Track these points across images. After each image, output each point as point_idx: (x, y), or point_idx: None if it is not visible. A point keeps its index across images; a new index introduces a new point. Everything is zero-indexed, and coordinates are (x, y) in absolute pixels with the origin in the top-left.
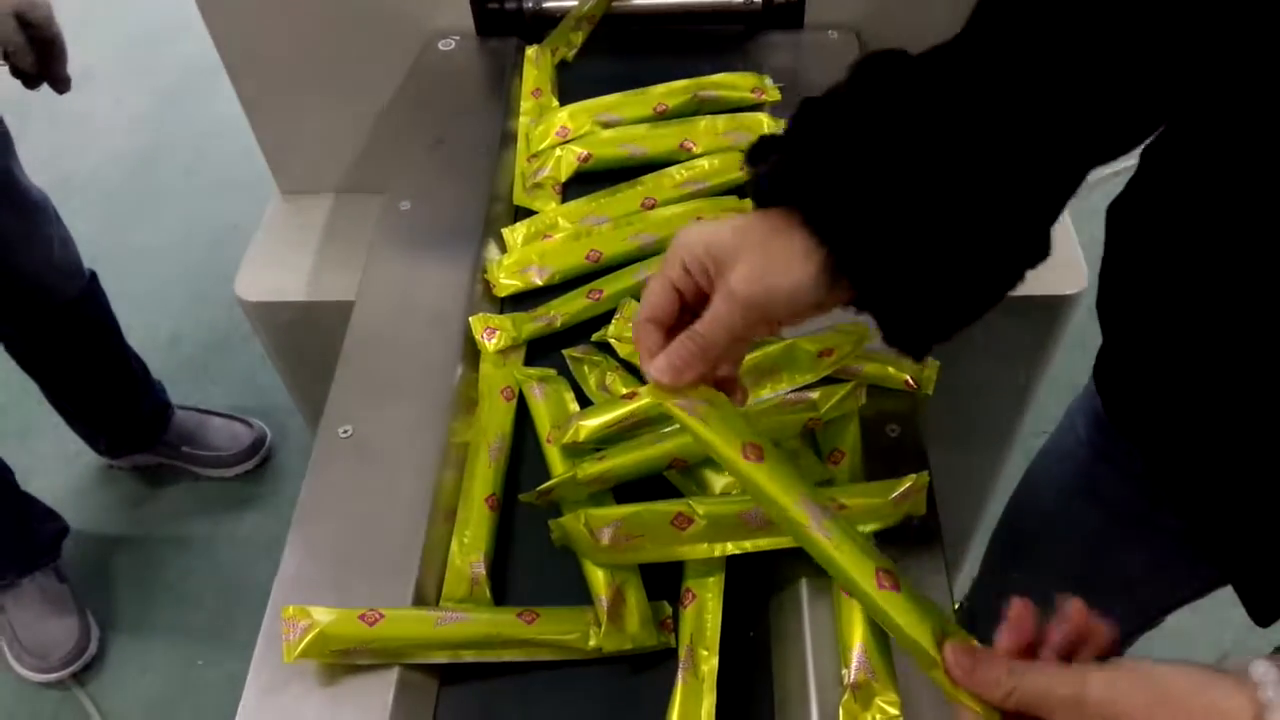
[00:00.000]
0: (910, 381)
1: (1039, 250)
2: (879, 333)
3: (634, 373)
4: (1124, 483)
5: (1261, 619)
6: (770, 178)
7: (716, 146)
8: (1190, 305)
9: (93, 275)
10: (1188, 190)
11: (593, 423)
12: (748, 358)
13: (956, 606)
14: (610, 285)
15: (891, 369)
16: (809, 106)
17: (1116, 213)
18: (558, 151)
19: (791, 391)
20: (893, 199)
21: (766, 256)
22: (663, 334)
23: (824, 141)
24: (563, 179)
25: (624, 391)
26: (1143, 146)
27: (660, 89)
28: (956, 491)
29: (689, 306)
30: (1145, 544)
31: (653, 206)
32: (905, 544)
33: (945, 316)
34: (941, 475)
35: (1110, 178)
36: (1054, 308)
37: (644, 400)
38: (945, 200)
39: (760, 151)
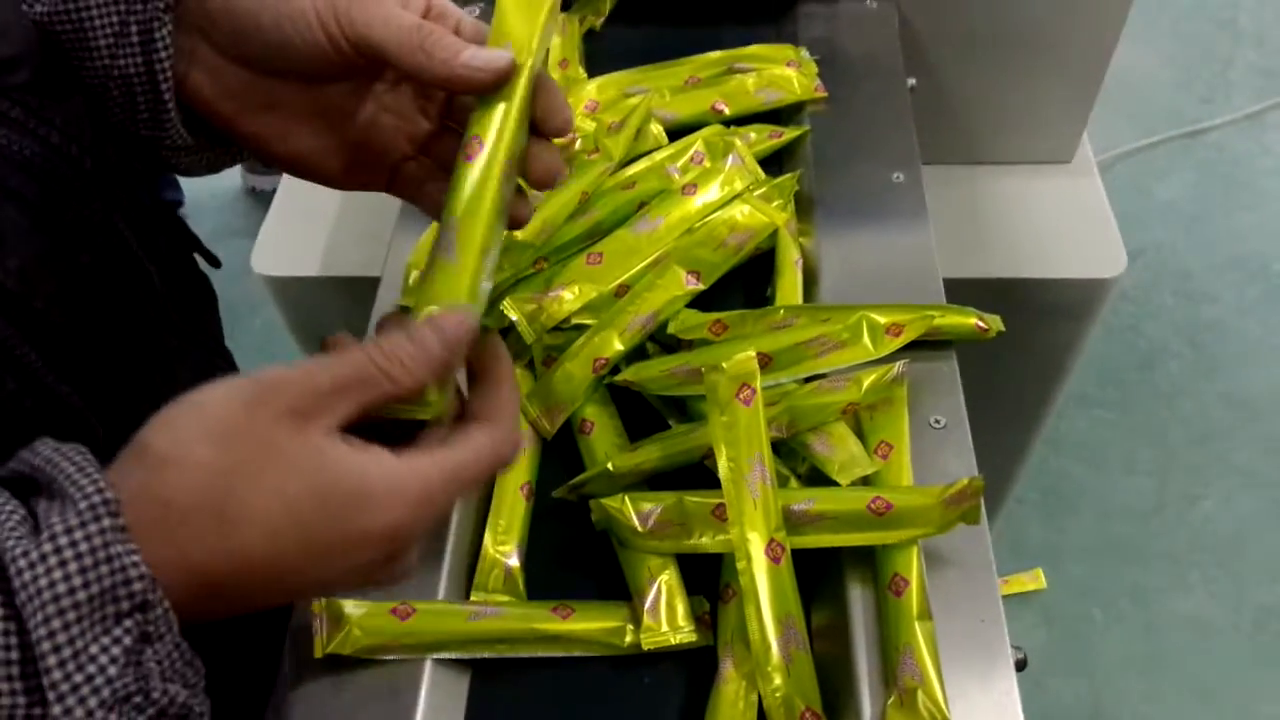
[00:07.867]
0: (981, 324)
1: None
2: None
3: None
4: None
5: None
6: None
7: (748, 107)
8: None
9: None
10: None
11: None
12: (816, 328)
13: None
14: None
15: (959, 317)
16: None
17: None
18: (590, 124)
19: (835, 372)
20: None
21: None
22: None
23: None
24: (591, 149)
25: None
26: None
27: (692, 62)
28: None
29: None
30: None
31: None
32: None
33: None
34: None
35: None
36: (1090, 291)
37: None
38: None
39: None
